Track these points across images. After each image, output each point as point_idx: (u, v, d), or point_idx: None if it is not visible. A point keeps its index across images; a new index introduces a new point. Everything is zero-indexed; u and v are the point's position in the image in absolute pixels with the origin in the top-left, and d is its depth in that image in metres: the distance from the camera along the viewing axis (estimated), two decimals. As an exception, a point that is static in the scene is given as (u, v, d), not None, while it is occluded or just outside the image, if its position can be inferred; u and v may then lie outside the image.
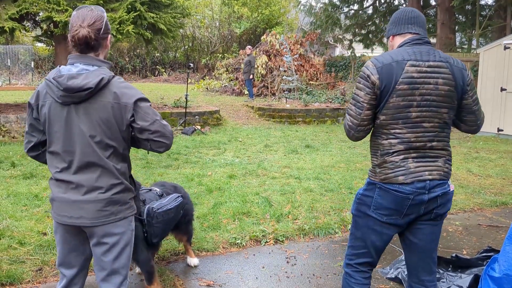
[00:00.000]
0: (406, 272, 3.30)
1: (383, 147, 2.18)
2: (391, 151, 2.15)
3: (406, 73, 2.07)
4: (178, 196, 3.07)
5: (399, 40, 2.23)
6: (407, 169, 2.14)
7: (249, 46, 15.00)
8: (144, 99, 2.04)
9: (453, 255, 3.49)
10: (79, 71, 1.97)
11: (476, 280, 3.03)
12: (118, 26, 9.75)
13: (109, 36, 2.12)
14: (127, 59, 24.15)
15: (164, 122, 2.08)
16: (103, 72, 1.99)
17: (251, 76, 14.71)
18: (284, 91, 14.97)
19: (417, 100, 2.10)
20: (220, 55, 21.69)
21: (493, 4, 16.76)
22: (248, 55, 14.85)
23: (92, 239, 2.09)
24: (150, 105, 2.06)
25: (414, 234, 2.27)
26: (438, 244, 2.35)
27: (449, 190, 2.24)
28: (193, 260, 3.56)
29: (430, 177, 2.15)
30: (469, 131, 2.37)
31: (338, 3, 20.34)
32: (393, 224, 2.22)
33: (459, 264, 3.33)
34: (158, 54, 24.73)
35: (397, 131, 2.13)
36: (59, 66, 2.03)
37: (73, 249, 2.14)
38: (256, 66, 16.17)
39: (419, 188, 2.13)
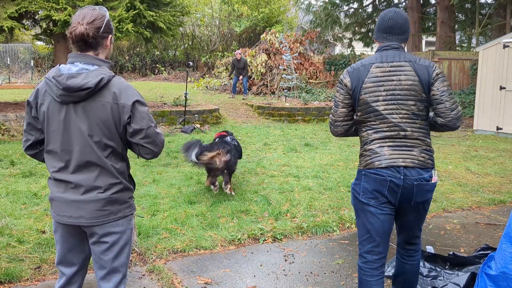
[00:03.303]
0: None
1: (363, 138, 2.52)
2: (368, 140, 2.48)
3: (371, 74, 2.43)
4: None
5: (378, 44, 2.57)
6: (383, 155, 2.42)
7: (238, 51, 15.13)
8: (142, 103, 2.04)
9: (450, 253, 3.50)
10: (79, 71, 1.97)
11: (473, 277, 3.04)
12: (117, 24, 9.75)
13: (110, 36, 2.11)
14: (126, 57, 24.14)
15: (158, 130, 2.08)
16: (103, 72, 1.98)
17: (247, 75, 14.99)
18: (283, 89, 14.97)
19: (382, 95, 2.41)
20: (220, 54, 21.68)
21: (493, 2, 16.75)
22: (239, 60, 14.87)
23: (91, 238, 2.10)
24: (148, 110, 2.07)
25: (399, 218, 2.61)
26: (423, 222, 2.68)
27: (430, 181, 2.43)
28: (227, 190, 5.09)
29: (403, 163, 2.39)
30: (446, 125, 2.47)
31: (338, 1, 20.35)
32: (381, 207, 2.47)
33: (456, 262, 3.35)
34: (158, 53, 24.71)
35: (372, 123, 2.46)
36: (59, 65, 2.03)
37: (73, 247, 2.15)
38: (255, 64, 16.17)
39: (394, 172, 2.39)
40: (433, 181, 2.44)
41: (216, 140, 5.50)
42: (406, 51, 2.52)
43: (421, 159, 2.41)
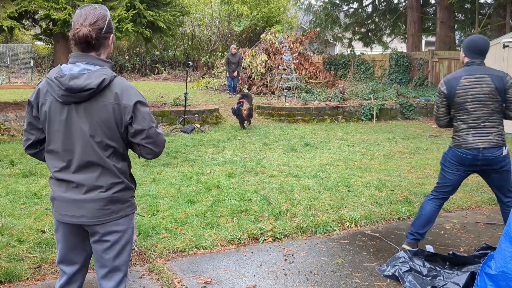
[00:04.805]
0: (402, 270, 3.33)
1: (455, 127, 3.56)
2: (458, 129, 3.53)
3: (461, 83, 3.44)
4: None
5: (466, 59, 3.53)
6: (467, 140, 3.47)
7: (234, 46, 15.24)
8: (144, 103, 2.05)
9: (450, 252, 3.51)
10: (81, 71, 1.97)
11: (472, 277, 3.05)
12: (117, 24, 9.75)
13: (112, 35, 2.11)
14: (126, 57, 24.14)
15: (159, 130, 2.09)
16: (105, 73, 1.99)
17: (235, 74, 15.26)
18: (283, 89, 14.97)
19: (470, 98, 3.43)
20: (220, 54, 21.67)
21: (493, 2, 16.75)
22: (234, 54, 14.97)
23: (93, 237, 2.10)
24: (149, 110, 2.07)
25: (486, 179, 3.66)
26: (509, 181, 3.58)
27: (501, 154, 3.43)
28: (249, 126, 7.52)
29: (482, 146, 3.43)
30: None
31: (337, 1, 20.34)
32: (457, 171, 3.59)
33: (456, 262, 3.35)
34: (158, 53, 24.71)
35: (462, 117, 3.49)
36: (61, 65, 2.03)
37: (74, 246, 2.15)
38: (255, 64, 16.17)
39: (475, 152, 3.44)
40: (503, 154, 3.44)
41: (241, 101, 10.45)
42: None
43: (494, 141, 3.42)
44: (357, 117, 12.66)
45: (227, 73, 15.49)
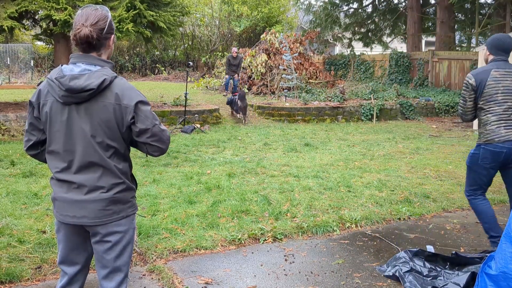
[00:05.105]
0: (403, 270, 3.33)
1: (484, 121, 3.57)
2: (488, 121, 3.54)
3: (492, 75, 3.52)
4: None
5: (491, 57, 3.63)
6: (499, 133, 3.49)
7: (235, 49, 15.25)
8: (145, 102, 2.05)
9: (453, 252, 3.51)
10: (82, 71, 1.98)
11: (473, 277, 3.05)
12: (117, 24, 9.75)
13: (113, 36, 2.12)
14: (126, 57, 24.13)
15: (163, 127, 2.10)
16: (105, 73, 1.99)
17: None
18: (283, 89, 14.97)
19: (501, 89, 3.51)
20: (220, 54, 21.65)
21: (493, 2, 16.76)
22: (235, 57, 14.97)
23: (94, 237, 2.10)
24: (151, 109, 2.08)
25: (507, 175, 3.68)
26: None
27: None
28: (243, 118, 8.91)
29: None
30: None
31: (337, 1, 20.36)
32: (491, 168, 3.60)
33: (457, 262, 3.35)
34: (158, 53, 24.70)
35: (492, 108, 3.52)
36: (61, 66, 2.03)
37: (76, 247, 2.16)
38: (255, 64, 16.17)
39: (508, 145, 3.47)
40: None
41: (237, 96, 11.85)
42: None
43: None
44: (357, 117, 12.66)
45: (227, 73, 15.46)
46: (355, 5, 20.77)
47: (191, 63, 12.08)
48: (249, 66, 16.42)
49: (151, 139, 2.05)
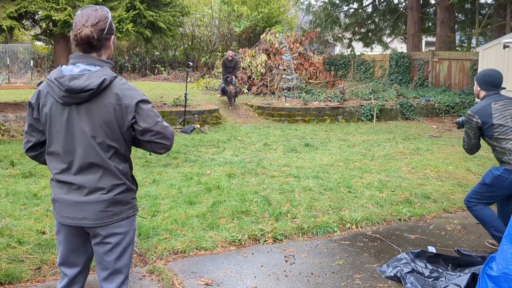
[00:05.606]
0: (404, 271, 3.33)
1: (503, 151, 3.61)
2: (510, 150, 3.56)
3: (494, 108, 3.62)
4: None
5: (483, 92, 3.76)
6: None
7: (231, 53, 15.19)
8: (146, 101, 2.04)
9: (456, 249, 3.52)
10: (81, 72, 1.97)
11: (474, 278, 3.04)
12: (117, 24, 9.74)
13: (113, 36, 2.11)
14: (126, 57, 24.11)
15: (166, 123, 2.09)
16: (105, 73, 1.98)
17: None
18: (283, 89, 14.96)
19: (509, 117, 3.60)
20: (220, 54, 21.65)
21: (493, 3, 16.75)
22: (231, 60, 14.91)
23: (94, 239, 2.09)
24: (152, 107, 2.07)
25: None
26: None
27: None
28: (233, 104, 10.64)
29: None
30: None
31: (337, 1, 20.34)
32: None
33: (458, 263, 3.35)
34: (158, 53, 24.68)
35: (510, 136, 3.58)
36: (61, 66, 2.02)
37: (76, 248, 2.15)
38: (255, 64, 16.16)
39: None
40: None
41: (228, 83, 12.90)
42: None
43: None
44: (357, 118, 12.66)
45: (223, 75, 15.34)
46: (355, 5, 20.75)
47: (191, 63, 12.09)
48: (249, 66, 16.42)
49: (155, 137, 2.05)
